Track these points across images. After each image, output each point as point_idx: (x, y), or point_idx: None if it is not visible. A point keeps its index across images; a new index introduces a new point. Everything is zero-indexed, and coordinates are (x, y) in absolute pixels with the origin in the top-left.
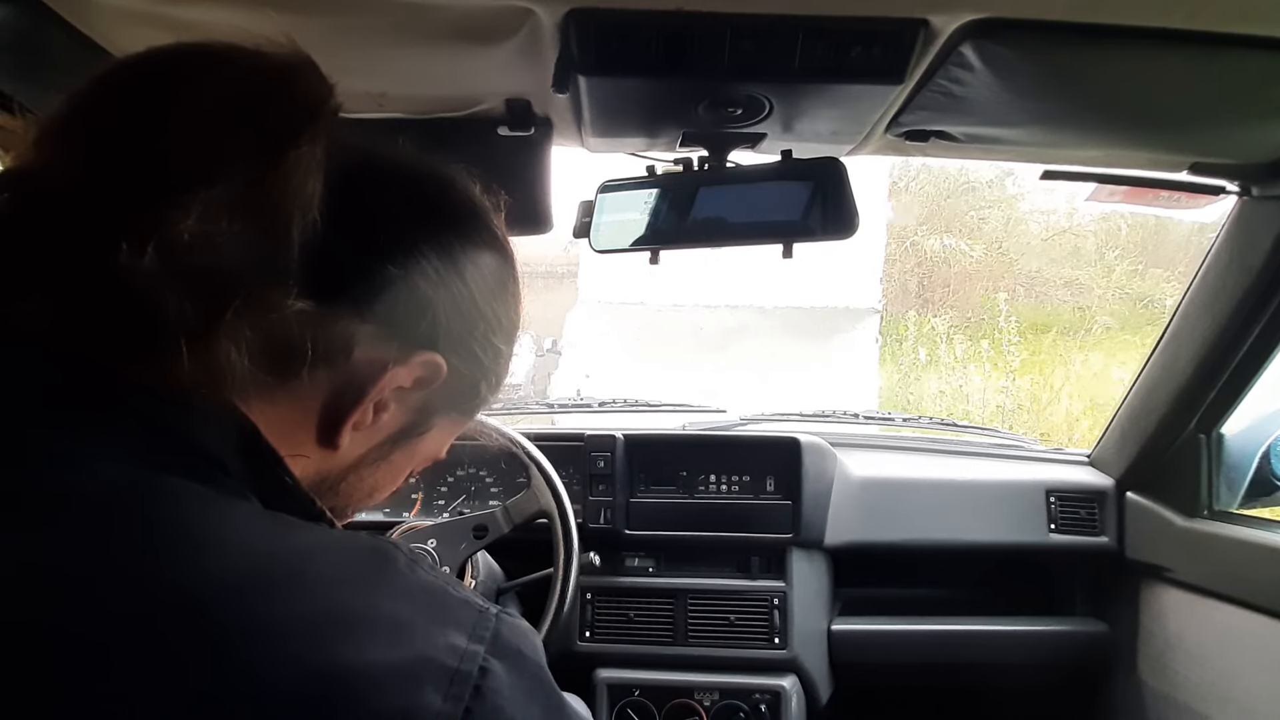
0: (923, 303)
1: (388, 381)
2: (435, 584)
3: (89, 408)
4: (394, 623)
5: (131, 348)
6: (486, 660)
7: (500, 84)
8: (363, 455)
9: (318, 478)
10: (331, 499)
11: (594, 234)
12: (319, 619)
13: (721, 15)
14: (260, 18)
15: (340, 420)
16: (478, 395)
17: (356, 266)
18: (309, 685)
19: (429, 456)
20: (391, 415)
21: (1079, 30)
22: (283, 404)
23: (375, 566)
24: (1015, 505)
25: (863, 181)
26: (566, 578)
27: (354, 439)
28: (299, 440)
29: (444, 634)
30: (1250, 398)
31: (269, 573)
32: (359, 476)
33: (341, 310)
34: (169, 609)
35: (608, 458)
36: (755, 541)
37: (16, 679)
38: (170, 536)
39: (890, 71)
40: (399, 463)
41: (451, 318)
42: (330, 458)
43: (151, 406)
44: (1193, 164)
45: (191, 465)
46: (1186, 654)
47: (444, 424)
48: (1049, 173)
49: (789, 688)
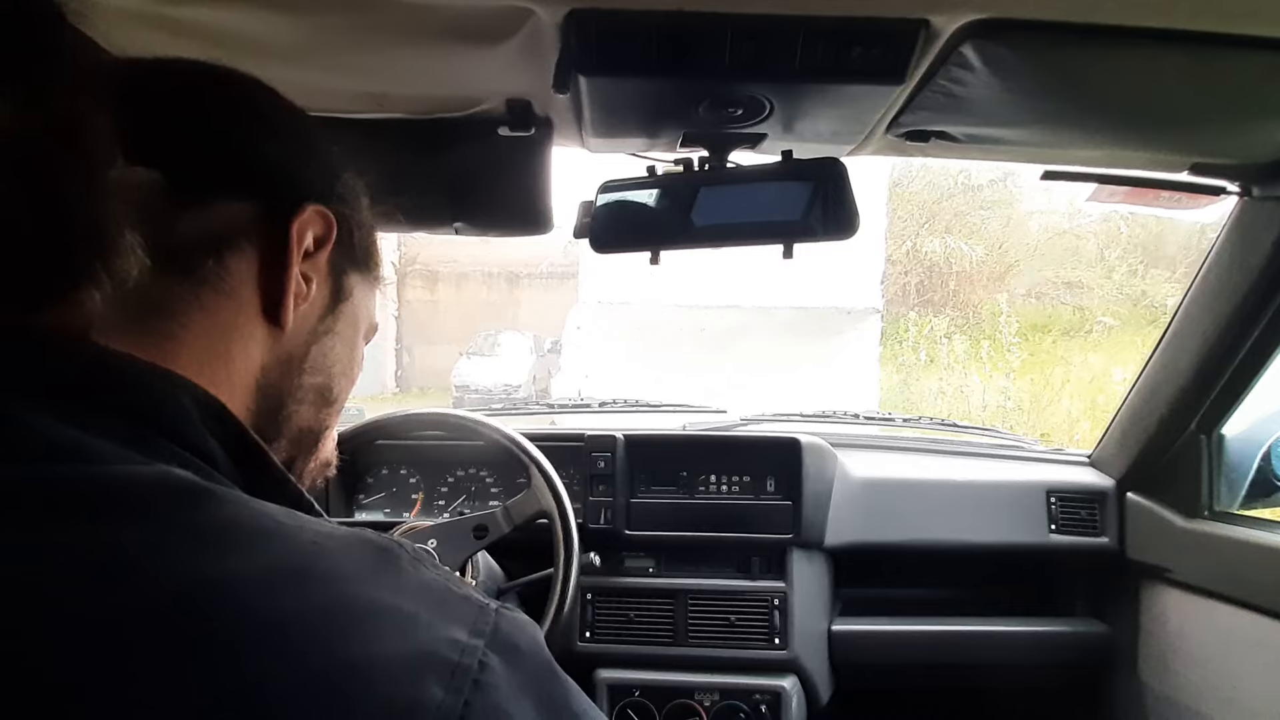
0: (923, 303)
1: (299, 239)
2: (437, 581)
3: (71, 392)
4: (399, 617)
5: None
6: (485, 655)
7: (500, 84)
8: (312, 330)
9: (281, 363)
10: (304, 391)
11: (594, 234)
12: (327, 613)
13: (722, 15)
14: (260, 18)
15: (281, 293)
16: (367, 249)
17: (198, 150)
18: (321, 677)
19: (368, 323)
20: (317, 285)
21: (1080, 30)
22: (218, 301)
23: (380, 563)
24: (1016, 506)
25: (863, 182)
26: (567, 578)
27: (297, 315)
28: (249, 331)
29: (446, 629)
30: (1251, 398)
31: (280, 569)
32: (321, 353)
33: (208, 190)
34: (186, 605)
35: (608, 458)
36: (755, 542)
37: (34, 677)
38: (184, 533)
39: (891, 72)
40: (346, 334)
41: (300, 168)
42: (283, 340)
43: (126, 391)
44: (1193, 164)
45: (183, 459)
46: (1187, 655)
47: (359, 285)
48: (1049, 173)
49: (789, 688)
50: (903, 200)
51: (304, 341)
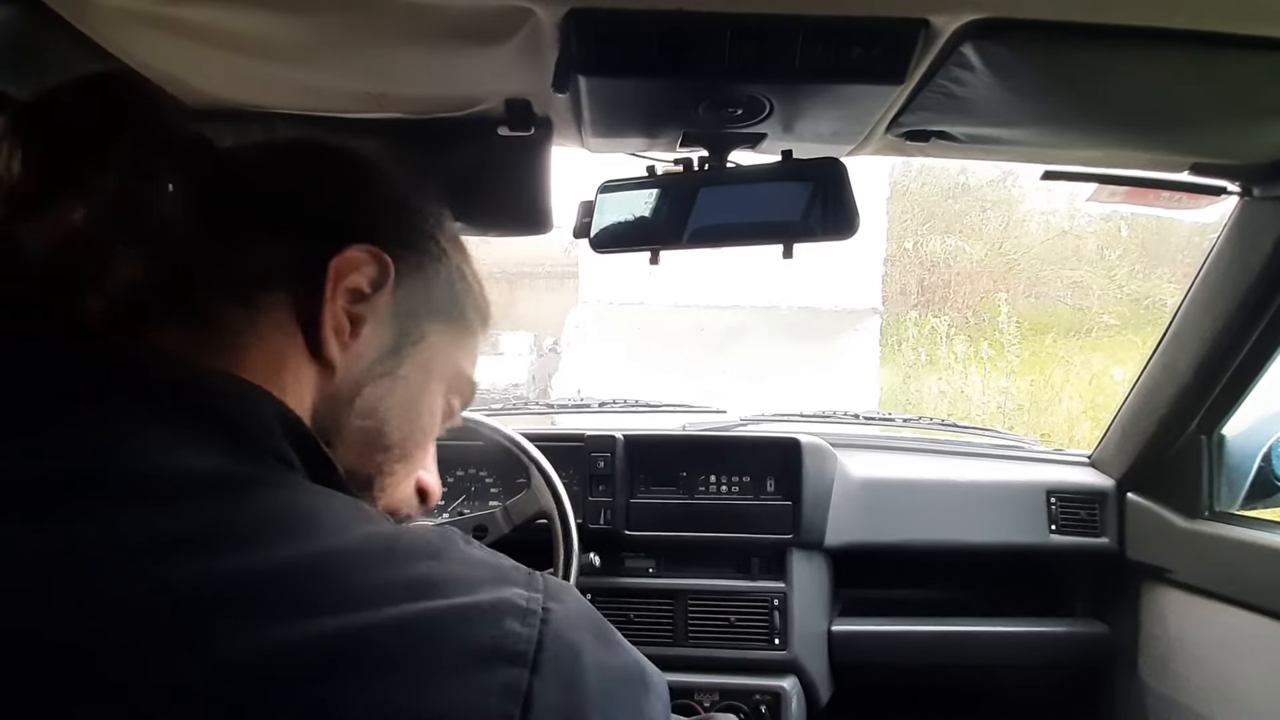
0: (923, 303)
1: (335, 279)
2: (490, 556)
3: (166, 401)
4: (468, 581)
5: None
6: (546, 601)
7: (500, 84)
8: (366, 371)
9: (328, 400)
10: (350, 432)
11: (594, 234)
12: (412, 582)
13: (722, 15)
14: (260, 18)
15: (318, 329)
16: (455, 298)
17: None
18: (413, 626)
19: (450, 375)
20: (373, 327)
21: (1080, 30)
22: (271, 332)
23: (444, 542)
24: (1016, 506)
25: (863, 182)
26: (566, 578)
27: (348, 356)
28: (298, 364)
29: (508, 588)
30: (1251, 398)
31: (370, 549)
32: (375, 395)
33: (252, 233)
34: (302, 570)
35: (608, 458)
36: (755, 542)
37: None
38: (288, 516)
39: (891, 72)
40: (414, 379)
41: (359, 208)
42: (331, 377)
43: (221, 401)
44: (1193, 164)
45: (270, 464)
46: (1187, 655)
47: (441, 334)
48: (1049, 173)
49: (789, 688)
50: (903, 200)
51: (355, 381)
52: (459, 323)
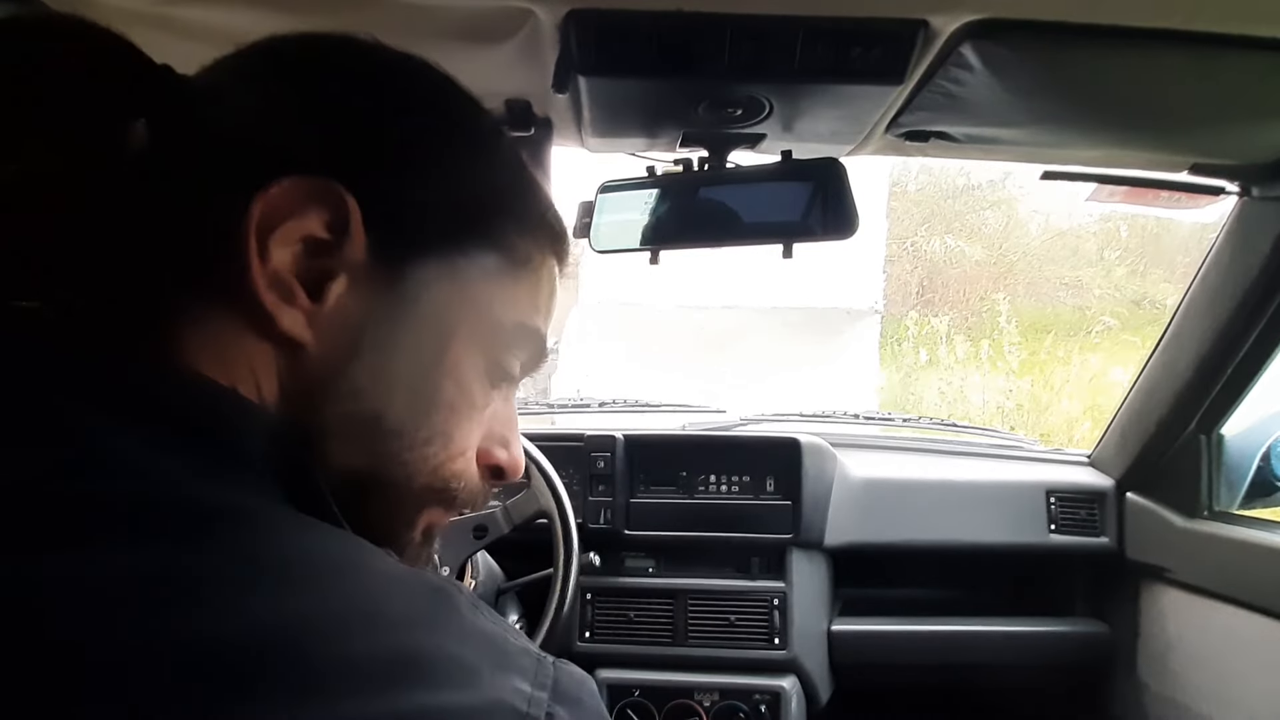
0: (923, 303)
1: (261, 227)
2: (496, 630)
3: (132, 407)
4: (462, 666)
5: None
6: (551, 706)
7: (500, 84)
8: (351, 342)
9: (301, 387)
10: (339, 422)
11: (594, 234)
12: (394, 659)
13: (721, 16)
14: (261, 18)
15: (255, 297)
16: (482, 220)
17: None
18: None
19: (487, 328)
20: (349, 283)
21: (1079, 30)
22: (192, 315)
23: (441, 608)
24: (1015, 506)
25: (863, 182)
26: (566, 578)
27: (318, 327)
28: (248, 347)
29: (509, 679)
30: (1250, 398)
31: (349, 613)
32: (365, 372)
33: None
34: (263, 644)
35: (608, 458)
36: (755, 542)
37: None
38: (250, 564)
39: (890, 72)
40: (424, 342)
41: (309, 119)
42: (302, 357)
43: (188, 404)
44: (1193, 164)
45: (245, 480)
46: (1187, 655)
47: (462, 274)
48: (1049, 173)
49: (789, 688)
50: (903, 200)
51: (337, 358)
52: (491, 254)
